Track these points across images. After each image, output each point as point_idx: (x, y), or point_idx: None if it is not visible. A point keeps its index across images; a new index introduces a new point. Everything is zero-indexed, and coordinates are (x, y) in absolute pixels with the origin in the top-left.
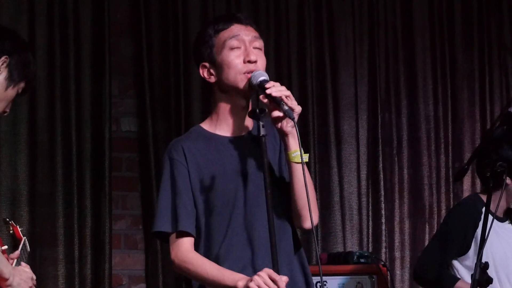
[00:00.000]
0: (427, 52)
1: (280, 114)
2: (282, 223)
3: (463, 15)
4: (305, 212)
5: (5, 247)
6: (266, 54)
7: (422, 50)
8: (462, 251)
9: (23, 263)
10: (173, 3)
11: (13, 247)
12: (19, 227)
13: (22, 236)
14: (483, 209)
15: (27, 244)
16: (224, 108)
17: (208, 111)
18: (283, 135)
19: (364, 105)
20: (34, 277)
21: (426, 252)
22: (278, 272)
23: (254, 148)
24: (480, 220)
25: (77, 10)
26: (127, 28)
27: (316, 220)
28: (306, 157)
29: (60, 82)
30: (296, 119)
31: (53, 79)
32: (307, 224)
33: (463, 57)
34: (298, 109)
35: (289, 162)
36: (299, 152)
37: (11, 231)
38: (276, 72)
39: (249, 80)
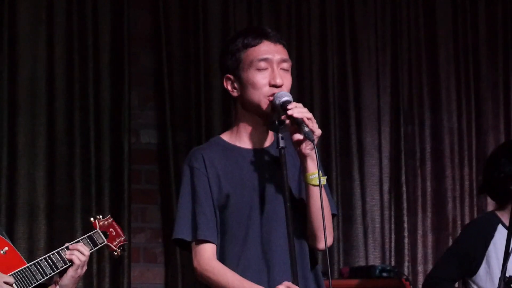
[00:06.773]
0: (451, 63)
1: (301, 137)
2: (299, 239)
3: (487, 26)
4: (319, 233)
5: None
6: None
7: (446, 61)
8: (471, 271)
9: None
10: (193, 14)
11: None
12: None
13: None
14: (499, 226)
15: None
16: (245, 123)
17: (228, 123)
18: (302, 157)
19: (387, 117)
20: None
21: (434, 270)
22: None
23: (274, 162)
24: (492, 238)
25: (96, 21)
26: (147, 39)
27: (330, 241)
28: (324, 180)
29: (79, 93)
30: (316, 142)
31: (72, 90)
32: (321, 245)
33: (487, 68)
34: (318, 132)
35: (306, 184)
36: (316, 175)
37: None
38: (298, 84)
39: (272, 101)
